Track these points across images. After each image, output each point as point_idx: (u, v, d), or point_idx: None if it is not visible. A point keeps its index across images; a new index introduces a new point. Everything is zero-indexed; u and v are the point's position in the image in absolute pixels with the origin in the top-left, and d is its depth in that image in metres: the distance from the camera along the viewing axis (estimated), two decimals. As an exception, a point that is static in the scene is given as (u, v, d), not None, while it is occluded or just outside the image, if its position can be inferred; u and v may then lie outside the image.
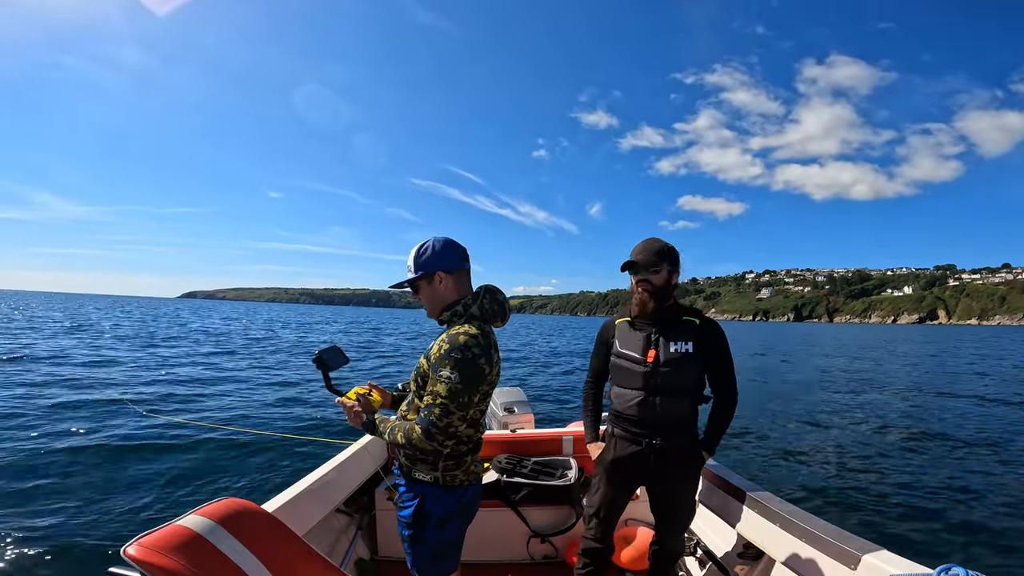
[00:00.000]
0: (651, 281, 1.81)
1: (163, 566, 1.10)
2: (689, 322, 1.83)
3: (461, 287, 1.55)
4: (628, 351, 1.84)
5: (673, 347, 1.77)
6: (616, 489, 1.93)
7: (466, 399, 1.39)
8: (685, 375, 1.78)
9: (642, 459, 1.82)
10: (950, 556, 3.61)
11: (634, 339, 1.84)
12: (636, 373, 1.80)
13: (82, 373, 11.18)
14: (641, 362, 1.79)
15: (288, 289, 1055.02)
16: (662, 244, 1.85)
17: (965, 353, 26.81)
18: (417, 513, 1.50)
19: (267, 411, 8.34)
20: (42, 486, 4.71)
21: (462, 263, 1.55)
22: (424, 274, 1.51)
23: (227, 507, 1.37)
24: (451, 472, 1.51)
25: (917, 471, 5.54)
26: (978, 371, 16.52)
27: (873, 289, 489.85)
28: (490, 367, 1.44)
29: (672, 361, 1.76)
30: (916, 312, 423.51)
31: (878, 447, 6.59)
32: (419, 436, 1.38)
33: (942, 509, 4.48)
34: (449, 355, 1.37)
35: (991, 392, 11.97)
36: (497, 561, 2.56)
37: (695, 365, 1.78)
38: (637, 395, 1.79)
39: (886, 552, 1.42)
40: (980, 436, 7.20)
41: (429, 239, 1.55)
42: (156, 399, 8.98)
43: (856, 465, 5.80)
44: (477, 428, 1.57)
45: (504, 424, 3.25)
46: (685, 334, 1.79)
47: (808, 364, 20.13)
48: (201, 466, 5.44)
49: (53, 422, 6.95)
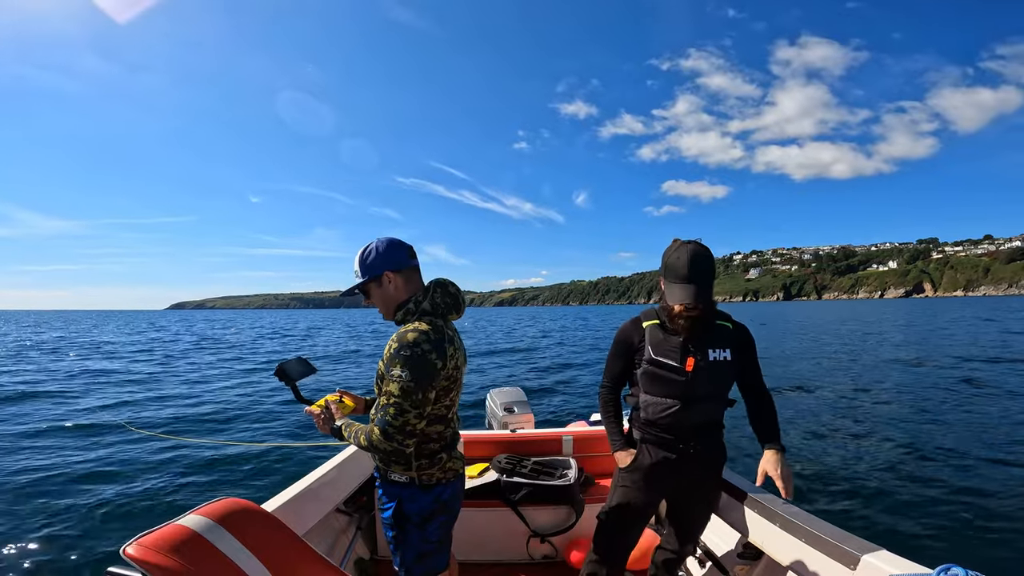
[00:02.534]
0: (698, 306, 1.67)
1: (162, 565, 1.10)
2: (723, 327, 1.77)
3: (411, 285, 1.54)
4: (664, 359, 1.73)
5: (712, 354, 1.70)
6: (649, 496, 1.85)
7: (420, 396, 1.37)
8: (723, 382, 1.74)
9: (677, 465, 1.78)
10: (950, 556, 3.61)
11: (669, 345, 1.73)
12: (674, 381, 1.72)
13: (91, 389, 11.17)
14: (680, 371, 1.70)
15: (277, 295, 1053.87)
16: (713, 261, 1.72)
17: (961, 327, 26.64)
18: (396, 514, 1.50)
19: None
20: (42, 486, 4.71)
21: (410, 260, 1.54)
22: (372, 277, 1.51)
23: (226, 507, 1.37)
24: (426, 471, 1.50)
25: (917, 471, 5.54)
26: (985, 349, 16.52)
27: (859, 265, 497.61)
28: (443, 361, 1.42)
29: (712, 369, 1.70)
30: (902, 286, 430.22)
31: (878, 447, 6.59)
32: (378, 437, 1.38)
33: (942, 509, 4.48)
34: (399, 353, 1.36)
35: (994, 379, 11.96)
36: (497, 561, 2.56)
37: (732, 371, 1.74)
38: (673, 404, 1.73)
39: (886, 552, 1.42)
40: (980, 436, 7.19)
41: (372, 241, 1.54)
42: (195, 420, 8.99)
43: (856, 465, 5.80)
44: (447, 424, 1.55)
45: (504, 424, 3.24)
46: (722, 340, 1.73)
47: (805, 351, 20.12)
48: (201, 466, 5.44)
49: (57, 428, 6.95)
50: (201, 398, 9.87)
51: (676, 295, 1.64)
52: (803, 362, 15.55)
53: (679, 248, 1.68)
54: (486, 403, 3.71)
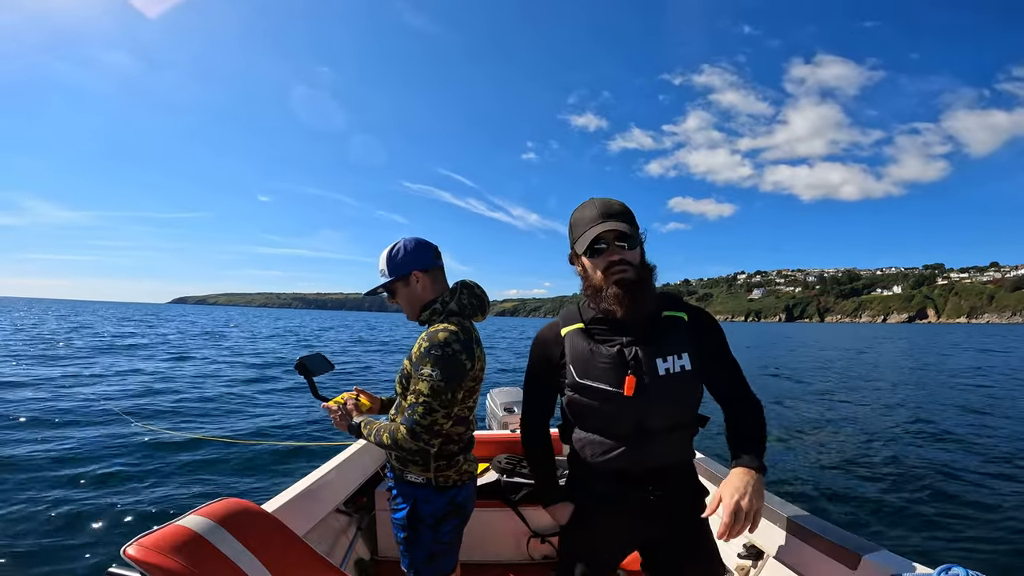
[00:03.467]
0: (629, 261, 1.20)
1: (163, 566, 1.09)
2: (674, 319, 1.25)
3: (438, 285, 1.54)
4: (594, 381, 1.21)
5: (663, 366, 1.18)
6: (608, 556, 1.36)
7: (449, 396, 1.37)
8: (683, 403, 1.24)
9: (637, 520, 1.29)
10: (950, 556, 3.61)
11: (599, 359, 1.21)
12: (612, 414, 1.21)
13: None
14: (617, 397, 1.19)
15: (280, 294, 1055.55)
16: (622, 204, 1.25)
17: (963, 351, 26.81)
18: (411, 516, 1.50)
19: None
20: (41, 487, 4.71)
21: (436, 261, 1.54)
22: (400, 276, 1.50)
23: (227, 507, 1.37)
24: (443, 472, 1.50)
25: (917, 471, 5.54)
26: (979, 370, 16.54)
27: (863, 289, 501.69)
28: (472, 363, 1.42)
29: (664, 388, 1.18)
30: (905, 311, 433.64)
31: (878, 447, 6.59)
32: (404, 436, 1.37)
33: (942, 509, 4.48)
34: (429, 352, 1.36)
35: (993, 392, 11.98)
36: (497, 561, 2.56)
37: (694, 384, 1.22)
38: (616, 446, 1.23)
39: (886, 552, 1.42)
40: (980, 436, 7.20)
41: (399, 240, 1.54)
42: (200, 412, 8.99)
43: (856, 465, 5.80)
44: (468, 426, 1.55)
45: (504, 424, 3.25)
46: (675, 341, 1.21)
47: (805, 364, 20.14)
48: (200, 467, 5.44)
49: (58, 426, 6.95)
50: (204, 392, 9.88)
51: (589, 238, 1.19)
52: (801, 374, 15.56)
53: (582, 205, 1.28)
54: (486, 403, 3.72)
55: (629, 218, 1.23)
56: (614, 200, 1.25)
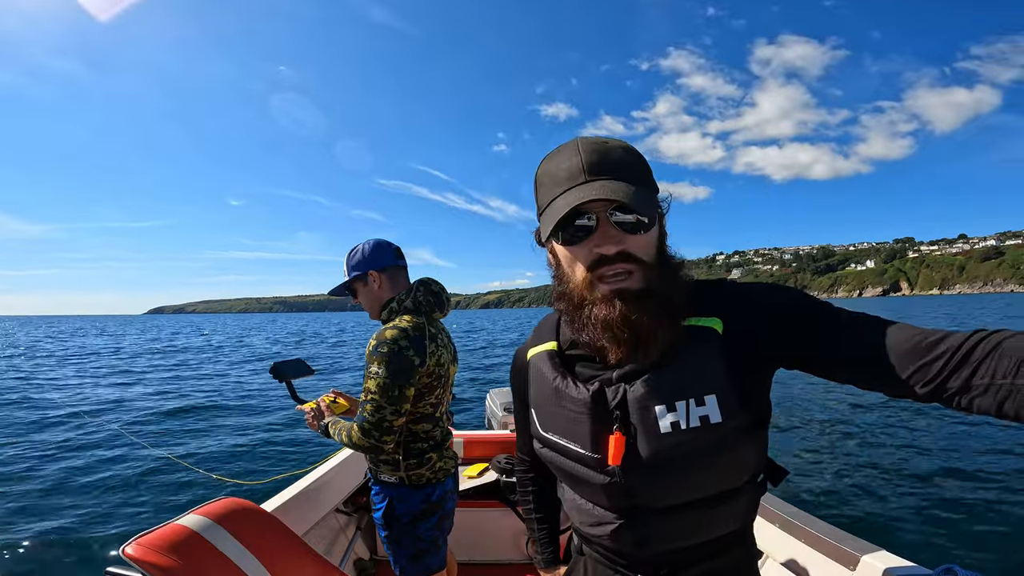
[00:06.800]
0: (634, 255, 0.66)
1: (162, 565, 1.10)
2: (701, 332, 0.69)
3: (396, 284, 1.58)
4: (560, 437, 0.76)
5: (667, 418, 0.67)
6: None
7: (396, 393, 1.38)
8: (709, 471, 0.70)
9: None
10: (950, 556, 3.61)
11: (567, 405, 0.74)
12: (592, 479, 0.74)
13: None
14: (594, 463, 0.72)
15: (260, 299, 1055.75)
16: (627, 148, 0.71)
17: (940, 323, 26.77)
18: (387, 514, 1.53)
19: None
20: (41, 487, 4.71)
21: (395, 260, 1.59)
22: (358, 275, 1.56)
23: (226, 506, 1.37)
24: (415, 471, 1.52)
25: (916, 471, 5.54)
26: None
27: (838, 264, 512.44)
28: (422, 358, 1.44)
29: (669, 452, 0.68)
30: (880, 285, 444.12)
31: (877, 447, 6.58)
32: (357, 434, 1.40)
33: (942, 509, 4.48)
34: (377, 350, 1.39)
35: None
36: (497, 561, 2.56)
37: (730, 441, 0.68)
38: (609, 518, 0.76)
39: (885, 552, 1.42)
40: (979, 435, 7.19)
41: (360, 243, 1.60)
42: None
43: (855, 465, 5.80)
44: (436, 424, 1.58)
45: (504, 424, 3.25)
46: (693, 375, 0.68)
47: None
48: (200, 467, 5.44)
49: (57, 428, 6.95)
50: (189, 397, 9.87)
51: (561, 212, 0.64)
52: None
53: (559, 148, 0.72)
54: (486, 403, 3.72)
55: (637, 173, 0.69)
56: (612, 141, 0.70)
